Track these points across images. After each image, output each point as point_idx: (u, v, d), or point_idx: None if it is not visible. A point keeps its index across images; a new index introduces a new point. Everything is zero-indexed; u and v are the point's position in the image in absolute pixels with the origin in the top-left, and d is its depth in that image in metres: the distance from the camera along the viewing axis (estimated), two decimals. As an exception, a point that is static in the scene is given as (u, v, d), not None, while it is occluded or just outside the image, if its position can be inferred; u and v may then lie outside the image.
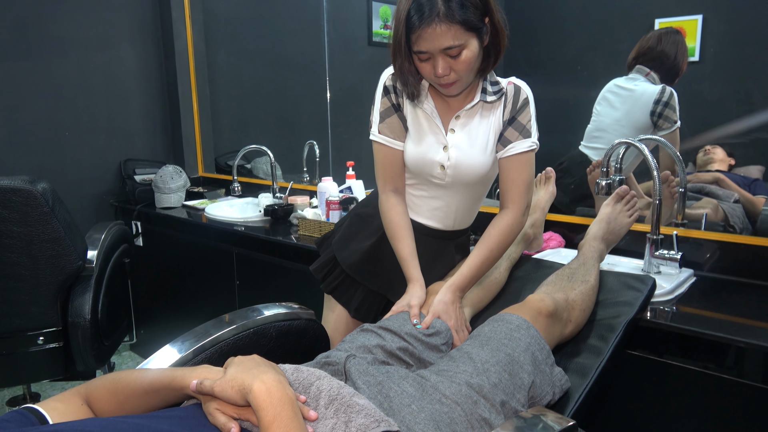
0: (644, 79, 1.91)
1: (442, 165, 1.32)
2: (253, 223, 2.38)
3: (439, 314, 1.25)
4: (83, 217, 2.78)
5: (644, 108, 1.87)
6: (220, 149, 3.33)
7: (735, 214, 1.72)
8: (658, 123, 1.85)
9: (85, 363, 1.86)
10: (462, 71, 1.19)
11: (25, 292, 1.74)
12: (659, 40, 1.89)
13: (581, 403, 1.11)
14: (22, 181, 1.64)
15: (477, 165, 1.32)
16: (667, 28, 1.93)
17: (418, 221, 1.43)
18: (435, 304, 1.27)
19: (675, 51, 1.87)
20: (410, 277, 1.35)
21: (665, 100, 1.83)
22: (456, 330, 1.25)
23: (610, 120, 2.00)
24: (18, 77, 2.61)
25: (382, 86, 1.36)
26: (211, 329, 1.12)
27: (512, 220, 1.32)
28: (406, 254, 1.35)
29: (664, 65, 1.88)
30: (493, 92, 1.29)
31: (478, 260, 1.32)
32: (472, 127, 1.31)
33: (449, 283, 1.30)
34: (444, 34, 1.13)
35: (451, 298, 1.28)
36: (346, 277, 1.48)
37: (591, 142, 2.07)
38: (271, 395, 0.74)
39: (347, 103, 2.79)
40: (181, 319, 2.71)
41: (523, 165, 1.31)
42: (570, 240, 1.82)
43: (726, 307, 1.38)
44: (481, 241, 1.34)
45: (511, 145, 1.30)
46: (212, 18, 3.24)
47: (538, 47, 2.51)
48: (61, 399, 0.84)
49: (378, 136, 1.37)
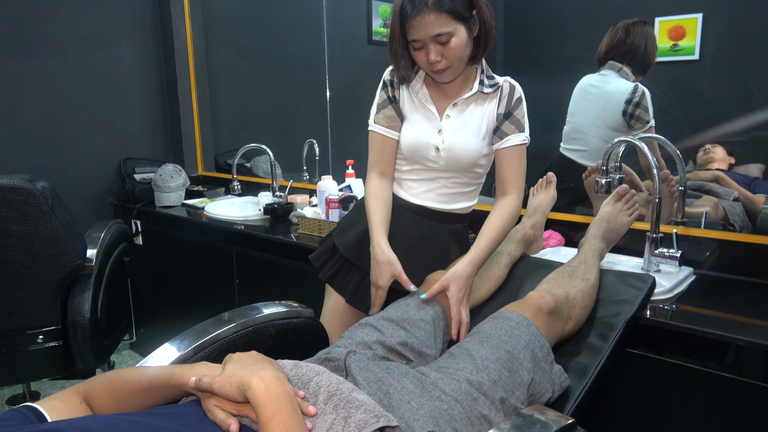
0: (616, 75, 1.89)
1: (436, 147, 1.39)
2: (252, 221, 2.38)
3: (450, 283, 1.27)
4: (83, 216, 2.78)
5: (616, 107, 1.86)
6: (219, 148, 3.32)
7: (735, 212, 1.72)
8: (631, 123, 1.84)
9: (84, 361, 1.86)
10: (453, 58, 1.27)
11: (24, 291, 1.74)
12: (627, 33, 1.86)
13: (581, 401, 1.11)
14: (21, 179, 1.64)
15: (470, 148, 1.38)
16: (634, 19, 1.89)
17: (412, 201, 1.48)
18: (449, 275, 1.29)
19: (644, 42, 1.84)
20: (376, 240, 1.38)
21: (636, 100, 1.81)
22: (459, 302, 1.27)
23: (585, 121, 1.98)
24: (17, 76, 2.60)
25: (382, 81, 1.47)
26: (210, 327, 1.12)
27: (517, 203, 1.39)
28: (375, 219, 1.41)
29: (636, 58, 1.86)
30: (489, 85, 1.38)
31: (491, 236, 1.35)
32: (466, 114, 1.39)
33: (469, 257, 1.32)
34: (433, 22, 1.23)
35: (468, 273, 1.30)
36: (343, 264, 1.52)
37: (570, 144, 2.05)
38: (270, 391, 0.74)
39: (347, 102, 2.79)
40: (180, 318, 2.71)
41: (519, 156, 1.39)
42: (570, 239, 1.82)
43: (726, 305, 1.37)
44: (491, 221, 1.37)
45: (508, 137, 1.37)
46: (212, 17, 3.24)
47: (538, 45, 2.51)
48: (60, 397, 0.83)
49: (374, 125, 1.47)
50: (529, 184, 1.87)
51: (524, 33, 2.54)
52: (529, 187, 1.87)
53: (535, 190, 1.77)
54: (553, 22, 2.47)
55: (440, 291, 1.28)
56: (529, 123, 1.41)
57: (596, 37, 2.02)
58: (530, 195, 1.79)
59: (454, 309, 1.26)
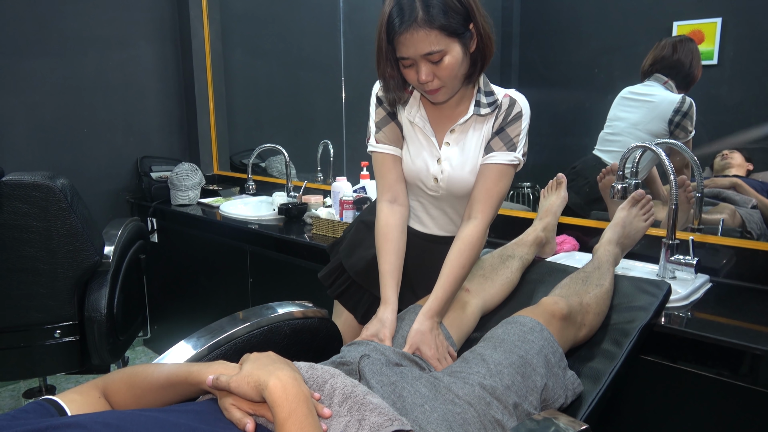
0: (662, 87, 1.91)
1: (435, 178, 1.31)
2: (267, 221, 2.40)
3: (417, 345, 1.18)
4: (100, 213, 2.82)
5: (663, 115, 1.87)
6: (235, 147, 3.35)
7: (753, 219, 1.70)
8: (675, 132, 1.86)
9: (100, 357, 1.89)
10: (445, 77, 1.16)
11: (43, 286, 1.77)
12: (674, 49, 1.89)
13: (594, 407, 1.11)
14: (41, 176, 1.67)
15: (469, 180, 1.29)
16: (681, 36, 1.93)
17: (415, 228, 1.43)
18: (412, 335, 1.18)
19: (690, 59, 1.88)
20: (384, 297, 1.28)
21: (685, 110, 1.83)
22: (438, 359, 1.17)
23: (625, 125, 1.99)
24: (38, 75, 2.65)
25: (375, 98, 1.36)
26: (225, 326, 1.13)
27: (479, 232, 1.25)
28: (384, 270, 1.30)
29: (680, 73, 1.89)
30: (487, 104, 1.26)
31: (450, 279, 1.24)
32: (465, 141, 1.29)
33: (425, 309, 1.22)
34: (423, 39, 1.11)
35: (429, 326, 1.19)
36: (353, 282, 1.50)
37: (605, 146, 2.06)
38: (287, 392, 0.74)
39: (362, 104, 2.77)
40: (194, 316, 2.74)
41: (500, 176, 1.25)
42: (584, 243, 1.81)
43: (742, 313, 1.36)
44: (449, 260, 1.26)
45: (493, 153, 1.25)
46: (229, 17, 3.26)
47: (554, 49, 2.50)
48: (80, 391, 0.85)
49: (376, 146, 1.35)
50: (542, 187, 1.87)
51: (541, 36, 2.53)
52: (540, 188, 1.87)
53: (546, 192, 1.77)
54: (569, 26, 2.46)
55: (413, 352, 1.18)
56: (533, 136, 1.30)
57: (613, 41, 2.01)
58: (541, 197, 1.78)
59: (435, 366, 1.16)
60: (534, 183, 2.35)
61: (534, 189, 2.37)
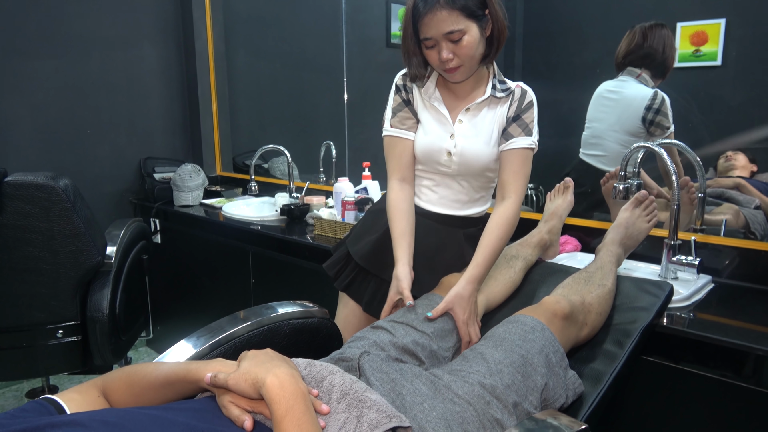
0: (635, 81, 1.87)
1: (449, 151, 1.39)
2: (269, 222, 2.40)
3: (453, 306, 1.25)
4: (103, 214, 2.82)
5: (635, 113, 1.84)
6: (238, 148, 3.36)
7: (756, 220, 1.69)
8: (651, 130, 1.82)
9: (102, 357, 1.89)
10: (464, 56, 1.27)
11: (45, 286, 1.78)
12: (645, 37, 1.84)
13: (595, 407, 1.10)
14: (44, 177, 1.68)
15: (482, 154, 1.37)
16: (651, 22, 1.87)
17: (426, 208, 1.48)
18: (451, 296, 1.26)
19: (662, 46, 1.82)
20: (397, 257, 1.37)
21: (656, 107, 1.79)
22: (467, 323, 1.25)
23: (604, 126, 1.97)
24: (42, 75, 2.66)
25: (394, 86, 1.47)
26: (225, 325, 1.13)
27: (515, 209, 1.36)
28: (396, 234, 1.39)
29: (654, 62, 1.83)
30: (501, 90, 1.38)
31: (489, 249, 1.32)
32: (478, 120, 1.39)
33: (468, 275, 1.29)
34: (445, 19, 1.23)
35: (469, 291, 1.27)
36: (359, 273, 1.51)
37: (589, 149, 2.04)
38: (284, 389, 0.74)
39: (364, 105, 2.80)
40: (196, 316, 2.74)
41: (524, 159, 1.37)
42: (586, 244, 1.81)
43: (745, 314, 1.35)
44: (488, 232, 1.35)
45: (513, 139, 1.36)
46: (232, 19, 3.27)
47: (557, 50, 2.50)
48: (79, 390, 0.85)
49: (390, 129, 1.45)
50: (547, 189, 1.86)
51: (543, 38, 2.53)
52: (546, 192, 1.86)
53: (552, 195, 1.76)
54: (572, 27, 2.46)
55: (444, 312, 1.26)
56: (539, 128, 1.39)
57: (616, 42, 2.00)
58: (547, 200, 1.78)
59: (462, 330, 1.25)
60: (537, 184, 2.35)
61: (537, 190, 2.37)
